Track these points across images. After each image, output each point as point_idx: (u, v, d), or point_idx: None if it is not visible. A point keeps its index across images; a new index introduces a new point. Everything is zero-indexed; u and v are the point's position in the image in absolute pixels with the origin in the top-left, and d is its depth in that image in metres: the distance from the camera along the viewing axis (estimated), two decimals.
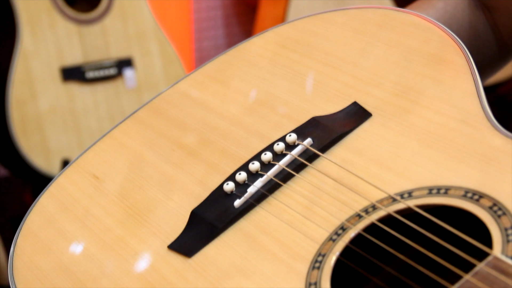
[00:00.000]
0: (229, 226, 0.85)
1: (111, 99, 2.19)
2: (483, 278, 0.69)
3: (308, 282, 0.77)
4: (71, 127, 2.13)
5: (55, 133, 2.11)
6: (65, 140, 2.11)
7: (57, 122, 2.11)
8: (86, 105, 2.14)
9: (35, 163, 2.09)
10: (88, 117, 2.14)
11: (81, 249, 0.89)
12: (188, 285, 0.81)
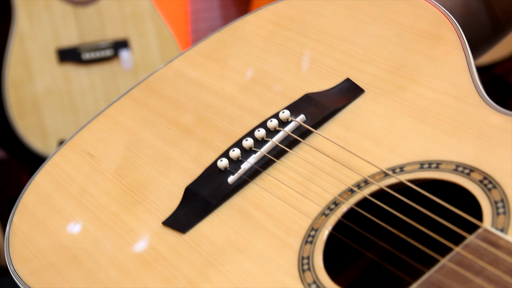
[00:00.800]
0: (223, 202, 0.86)
1: (108, 80, 2.20)
2: (473, 250, 0.70)
3: (301, 256, 0.78)
4: (68, 108, 2.13)
5: (51, 114, 2.11)
6: (62, 121, 2.12)
7: (54, 103, 2.11)
8: (82, 86, 2.14)
9: (32, 144, 2.09)
10: (85, 99, 2.14)
11: (76, 226, 0.90)
12: (183, 261, 0.82)
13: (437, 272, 0.70)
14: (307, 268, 0.76)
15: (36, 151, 2.09)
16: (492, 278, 0.68)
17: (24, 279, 0.85)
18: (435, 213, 0.76)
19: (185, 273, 0.81)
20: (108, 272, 0.83)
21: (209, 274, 0.80)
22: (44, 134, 2.12)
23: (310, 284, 0.75)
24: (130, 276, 0.82)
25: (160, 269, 0.82)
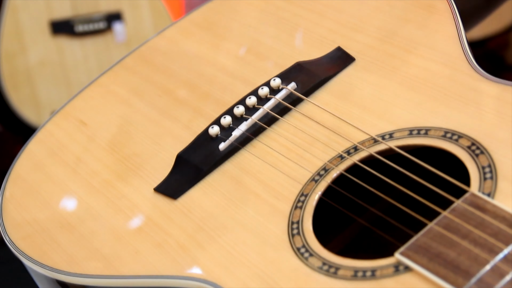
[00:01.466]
0: (214, 168, 0.87)
1: (101, 53, 2.19)
2: (460, 214, 0.71)
3: (291, 221, 0.78)
4: (61, 81, 2.13)
5: (45, 87, 2.11)
6: (55, 93, 2.11)
7: (47, 76, 2.11)
8: (75, 59, 2.14)
9: (25, 116, 2.09)
10: (78, 71, 2.14)
11: (69, 193, 0.90)
12: (174, 226, 0.83)
13: (424, 236, 0.71)
14: (297, 232, 0.77)
15: (30, 123, 2.09)
16: (479, 241, 0.69)
17: (17, 244, 0.86)
18: (423, 179, 0.77)
19: (176, 238, 0.81)
20: (100, 237, 0.84)
21: (200, 239, 0.80)
22: (38, 106, 2.12)
23: (300, 248, 0.76)
24: (122, 241, 0.83)
25: (151, 234, 0.83)
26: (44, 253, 0.85)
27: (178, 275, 0.78)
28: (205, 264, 0.78)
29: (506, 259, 0.66)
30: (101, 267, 0.82)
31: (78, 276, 0.82)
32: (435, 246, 0.70)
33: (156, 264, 0.80)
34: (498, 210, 0.70)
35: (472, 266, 0.67)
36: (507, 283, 0.65)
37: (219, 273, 0.77)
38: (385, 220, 0.83)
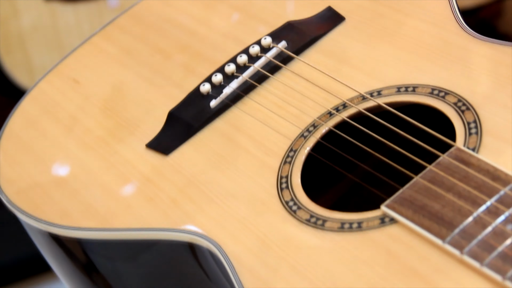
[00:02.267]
0: (205, 125, 0.88)
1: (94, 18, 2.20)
2: (445, 168, 0.73)
3: (280, 176, 0.80)
4: (54, 45, 2.14)
5: (38, 51, 2.12)
6: (48, 58, 2.12)
7: (40, 40, 2.12)
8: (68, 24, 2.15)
9: (19, 80, 2.10)
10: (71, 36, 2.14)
11: (62, 149, 0.91)
12: (165, 181, 0.84)
13: (410, 189, 0.73)
14: (285, 186, 0.79)
15: (23, 87, 2.10)
16: (462, 193, 0.70)
17: (11, 199, 0.87)
18: (411, 135, 0.78)
19: (168, 193, 0.83)
20: (93, 192, 0.86)
21: (190, 193, 0.82)
22: (31, 71, 2.13)
23: (288, 202, 0.77)
24: (114, 195, 0.85)
25: (143, 189, 0.84)
26: (38, 207, 0.86)
27: (169, 227, 0.80)
28: (196, 217, 0.80)
29: (489, 210, 0.68)
30: (93, 221, 0.83)
31: (71, 229, 0.84)
32: (420, 199, 0.72)
33: (147, 217, 0.82)
34: (482, 163, 0.72)
35: (456, 217, 0.69)
36: (489, 234, 0.66)
37: (209, 226, 0.78)
38: (374, 177, 0.85)
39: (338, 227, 0.74)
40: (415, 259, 0.69)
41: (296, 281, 0.72)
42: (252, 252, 0.75)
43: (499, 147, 0.73)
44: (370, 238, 0.72)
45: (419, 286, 0.67)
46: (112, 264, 0.89)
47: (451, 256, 0.67)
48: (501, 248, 0.65)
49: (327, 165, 0.86)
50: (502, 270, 0.64)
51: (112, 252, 0.87)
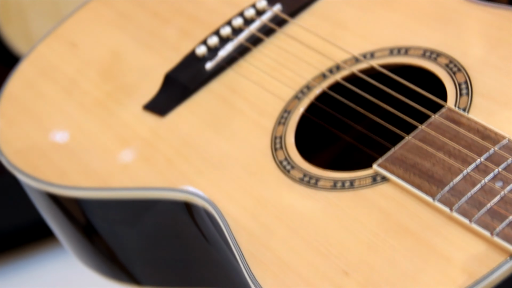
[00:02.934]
0: (201, 87, 0.89)
1: None
2: (436, 127, 0.74)
3: (274, 136, 0.81)
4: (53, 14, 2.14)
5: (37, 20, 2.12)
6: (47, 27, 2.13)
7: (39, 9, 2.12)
8: None
9: (18, 49, 2.11)
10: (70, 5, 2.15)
11: (60, 111, 0.93)
12: (161, 142, 0.85)
13: (401, 148, 0.74)
14: (279, 146, 0.80)
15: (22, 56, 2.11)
16: (453, 152, 0.71)
17: (10, 159, 0.88)
18: (403, 96, 0.79)
19: (164, 153, 0.84)
20: (90, 153, 0.87)
21: (186, 154, 0.83)
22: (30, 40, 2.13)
23: (282, 161, 0.79)
24: (111, 156, 0.86)
25: (140, 149, 0.86)
26: (36, 168, 0.87)
27: (165, 187, 0.81)
28: (191, 177, 0.81)
29: (478, 168, 0.69)
30: (91, 180, 0.85)
31: (69, 188, 0.85)
32: (411, 158, 0.73)
33: (144, 177, 0.83)
34: (472, 123, 0.73)
35: (446, 175, 0.70)
36: (478, 191, 0.68)
37: (204, 185, 0.80)
38: (367, 138, 0.86)
39: (331, 186, 0.75)
40: (406, 217, 0.70)
41: (289, 239, 0.73)
42: (246, 210, 0.77)
43: (489, 107, 0.74)
44: (362, 196, 0.73)
45: (409, 242, 0.68)
46: (110, 225, 0.91)
47: (441, 213, 0.69)
48: (490, 205, 0.66)
49: (321, 127, 0.87)
50: (490, 226, 0.65)
51: (110, 213, 0.88)
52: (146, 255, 0.91)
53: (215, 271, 0.87)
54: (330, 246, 0.71)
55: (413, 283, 0.66)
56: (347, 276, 0.68)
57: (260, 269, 0.72)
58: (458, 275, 0.65)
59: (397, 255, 0.68)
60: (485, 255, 0.65)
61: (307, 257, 0.71)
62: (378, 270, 0.68)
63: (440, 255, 0.67)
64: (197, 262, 0.88)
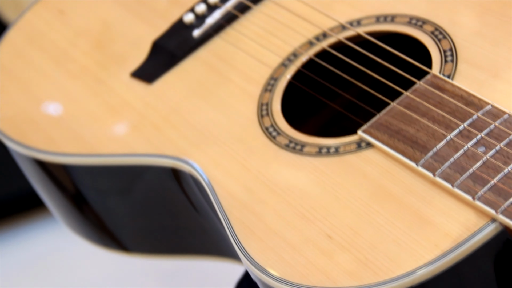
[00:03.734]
0: (188, 54, 0.90)
1: None
2: (420, 94, 0.74)
3: (260, 103, 0.82)
4: None
5: None
6: None
7: None
8: None
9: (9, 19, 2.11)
10: None
11: (48, 78, 0.93)
12: (149, 108, 0.86)
13: (386, 114, 0.74)
14: (266, 113, 0.81)
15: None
16: (437, 118, 0.72)
17: None
18: (389, 64, 0.80)
19: (151, 120, 0.85)
20: (78, 119, 0.88)
21: (173, 120, 0.84)
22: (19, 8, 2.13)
23: (268, 128, 0.79)
24: (99, 122, 0.87)
25: (127, 116, 0.86)
26: (24, 134, 0.88)
27: (152, 153, 0.82)
28: (178, 143, 0.82)
29: (462, 134, 0.70)
30: (78, 147, 0.85)
31: (56, 155, 0.86)
32: (396, 124, 0.73)
33: (131, 143, 0.84)
34: (457, 89, 0.73)
35: (430, 141, 0.71)
36: (461, 156, 0.68)
37: (190, 150, 0.80)
38: (354, 105, 0.86)
39: (316, 152, 0.76)
40: (390, 182, 0.71)
41: (274, 204, 0.74)
42: (232, 176, 0.77)
43: (474, 73, 0.75)
44: (347, 162, 0.74)
45: (393, 207, 0.69)
46: (98, 192, 0.91)
47: (425, 178, 0.69)
48: (472, 170, 0.67)
49: (308, 95, 0.87)
50: (472, 190, 0.66)
51: (98, 180, 0.89)
52: (134, 222, 0.92)
53: (202, 238, 0.88)
54: (314, 211, 0.71)
55: (396, 246, 0.67)
56: (331, 240, 0.69)
57: (245, 234, 0.73)
58: (440, 238, 0.65)
59: (380, 220, 0.69)
60: (467, 219, 0.66)
61: (292, 222, 0.72)
62: (361, 234, 0.68)
63: (423, 219, 0.67)
64: (184, 229, 0.89)
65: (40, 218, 1.68)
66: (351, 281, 0.66)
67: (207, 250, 0.90)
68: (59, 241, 1.61)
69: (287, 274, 0.69)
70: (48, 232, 1.65)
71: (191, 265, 1.44)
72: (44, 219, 1.67)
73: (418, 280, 0.64)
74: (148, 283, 1.57)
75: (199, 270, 1.52)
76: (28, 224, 1.69)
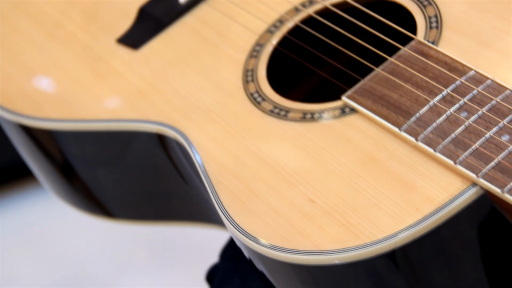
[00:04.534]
0: (175, 20, 0.89)
1: None
2: (404, 60, 0.75)
3: (246, 69, 0.82)
4: None
5: None
6: None
7: None
8: None
9: None
10: None
11: (33, 43, 0.93)
12: (134, 74, 0.86)
13: (370, 80, 0.75)
14: (251, 79, 0.81)
15: None
16: (420, 84, 0.72)
17: None
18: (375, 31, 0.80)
19: (137, 86, 0.85)
20: (63, 84, 0.88)
21: (159, 86, 0.84)
22: None
23: (253, 94, 0.79)
24: (84, 87, 0.87)
25: (112, 81, 0.86)
26: (10, 100, 0.88)
27: (137, 118, 0.82)
28: (163, 109, 0.82)
29: (445, 99, 0.70)
30: (64, 112, 0.85)
31: (42, 120, 0.86)
32: (380, 89, 0.74)
33: (117, 109, 0.84)
34: (441, 55, 0.73)
35: (413, 106, 0.71)
36: (443, 121, 0.69)
37: (176, 116, 0.81)
38: (340, 73, 0.86)
39: (300, 117, 0.76)
40: (373, 147, 0.71)
41: (258, 168, 0.74)
42: (217, 141, 0.77)
43: (458, 39, 0.75)
44: (331, 127, 0.74)
45: (375, 171, 0.69)
46: (84, 158, 0.91)
47: (407, 143, 0.70)
48: (454, 134, 0.68)
49: (295, 62, 0.87)
50: (454, 155, 0.66)
51: (84, 146, 0.89)
52: (120, 189, 0.92)
53: (188, 204, 0.88)
54: (297, 176, 0.72)
55: (378, 210, 0.67)
56: (314, 204, 0.69)
57: (229, 199, 0.73)
58: (422, 202, 0.66)
59: (363, 184, 0.69)
60: (449, 183, 0.66)
61: (274, 186, 0.72)
62: (344, 198, 0.69)
63: (405, 183, 0.68)
64: (170, 196, 0.89)
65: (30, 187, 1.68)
66: (333, 244, 0.67)
67: (193, 216, 0.90)
68: (48, 210, 1.62)
69: (270, 238, 0.69)
70: (38, 201, 1.66)
71: (178, 232, 1.45)
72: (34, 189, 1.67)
73: (399, 243, 0.65)
74: (136, 251, 1.58)
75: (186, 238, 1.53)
76: (18, 194, 1.69)
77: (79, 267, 1.59)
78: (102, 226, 1.19)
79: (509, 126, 0.66)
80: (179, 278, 1.51)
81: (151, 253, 1.57)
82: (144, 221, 0.94)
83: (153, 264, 1.56)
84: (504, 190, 0.63)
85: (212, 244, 0.99)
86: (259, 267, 0.74)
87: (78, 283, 1.57)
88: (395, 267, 0.66)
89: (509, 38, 0.74)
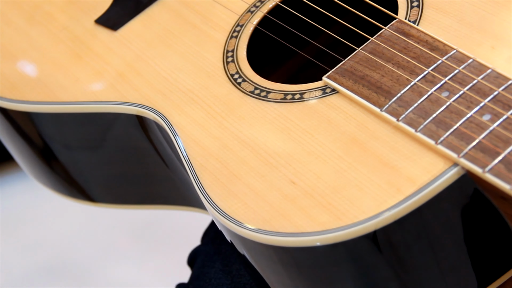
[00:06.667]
0: (154, 1, 0.88)
1: None
2: (385, 40, 0.74)
3: (226, 50, 0.81)
4: None
5: None
6: None
7: None
8: None
9: None
10: None
11: (10, 24, 0.91)
12: (113, 55, 0.85)
13: (351, 60, 0.74)
14: (231, 60, 0.80)
15: None
16: (401, 63, 0.72)
17: None
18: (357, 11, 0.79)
19: (116, 67, 0.84)
20: (42, 66, 0.87)
21: (138, 67, 0.83)
22: None
23: (233, 75, 0.78)
24: (63, 69, 0.86)
25: (91, 63, 0.85)
26: None
27: (116, 100, 0.81)
28: (143, 90, 0.81)
29: (426, 79, 0.70)
30: (42, 94, 0.84)
31: (20, 102, 0.84)
32: (361, 69, 0.73)
33: (96, 91, 0.83)
34: (422, 34, 0.73)
35: (394, 86, 0.70)
36: (425, 101, 0.68)
37: (155, 98, 0.80)
38: (322, 54, 0.86)
39: (281, 98, 0.75)
40: (354, 127, 0.71)
41: (238, 150, 0.73)
42: (196, 122, 0.77)
43: (439, 19, 0.74)
44: (312, 108, 0.73)
45: (356, 152, 0.69)
46: (63, 141, 0.90)
47: (389, 123, 0.69)
48: (435, 114, 0.67)
49: (277, 42, 0.87)
50: (435, 135, 0.66)
51: (63, 129, 0.88)
52: (100, 172, 0.91)
53: (169, 188, 0.87)
54: (278, 157, 0.71)
55: (359, 191, 0.66)
56: (294, 185, 0.69)
57: (209, 181, 0.73)
58: (403, 183, 0.65)
59: (343, 165, 0.68)
60: (430, 163, 0.65)
61: (255, 167, 0.71)
62: (324, 179, 0.68)
63: (386, 164, 0.67)
64: (151, 179, 0.88)
65: (9, 172, 1.67)
66: (314, 226, 0.66)
67: (174, 200, 0.89)
68: (29, 195, 1.61)
69: (251, 220, 0.69)
70: (18, 186, 1.65)
71: (160, 216, 1.44)
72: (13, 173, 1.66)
73: (380, 224, 0.64)
74: (118, 235, 1.57)
75: (168, 221, 1.53)
76: None
77: (61, 252, 1.58)
78: (84, 211, 1.18)
79: (490, 105, 0.66)
80: (161, 262, 1.50)
81: (132, 237, 1.56)
82: (126, 205, 0.94)
83: (135, 248, 1.55)
84: (485, 170, 0.63)
85: (194, 228, 0.98)
86: (240, 250, 0.73)
87: (60, 267, 1.56)
88: (377, 248, 0.66)
89: (491, 17, 0.74)
